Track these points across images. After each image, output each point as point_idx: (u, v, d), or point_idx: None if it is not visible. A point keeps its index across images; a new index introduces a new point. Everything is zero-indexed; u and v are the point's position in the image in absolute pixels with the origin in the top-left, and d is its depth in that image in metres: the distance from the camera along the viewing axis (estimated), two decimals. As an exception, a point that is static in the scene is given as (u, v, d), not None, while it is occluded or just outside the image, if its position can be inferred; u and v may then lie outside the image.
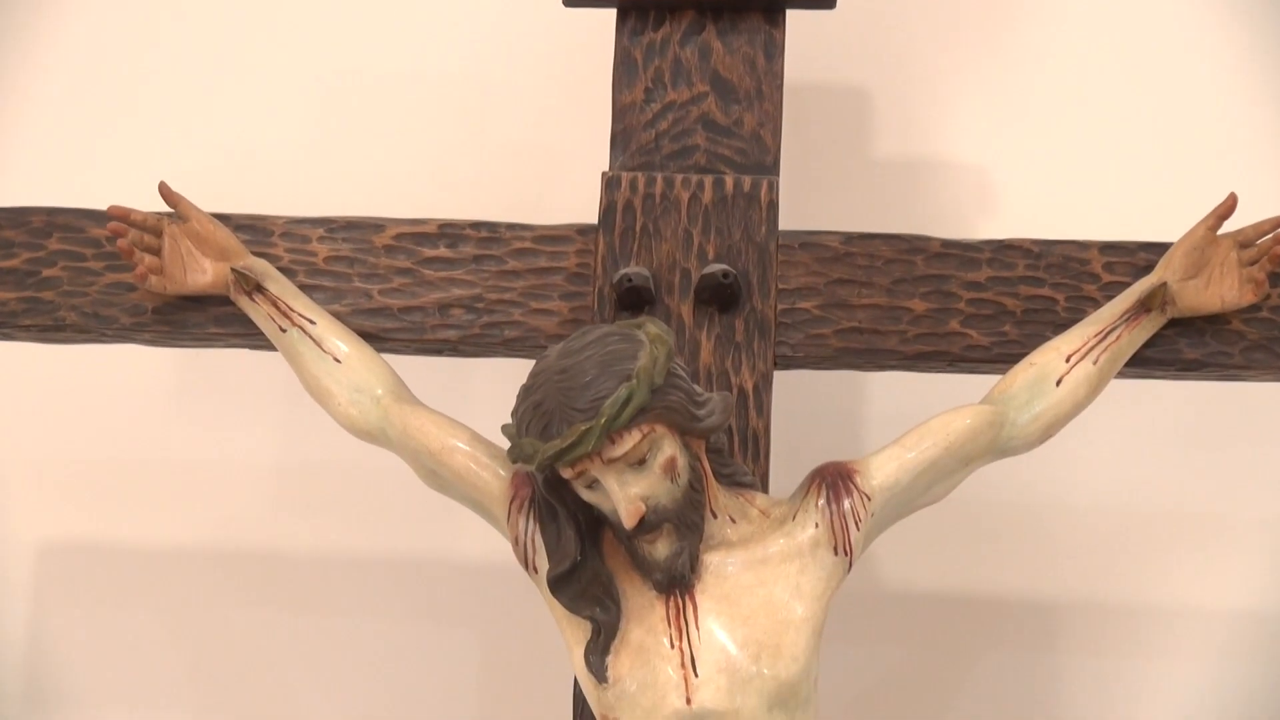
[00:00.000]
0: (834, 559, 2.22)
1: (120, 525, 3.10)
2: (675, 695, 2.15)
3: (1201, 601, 2.99)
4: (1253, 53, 3.06)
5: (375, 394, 2.40)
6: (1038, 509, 3.03)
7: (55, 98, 3.21)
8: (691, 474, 2.17)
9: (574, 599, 2.20)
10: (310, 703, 3.05)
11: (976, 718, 2.98)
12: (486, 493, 2.30)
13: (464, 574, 3.05)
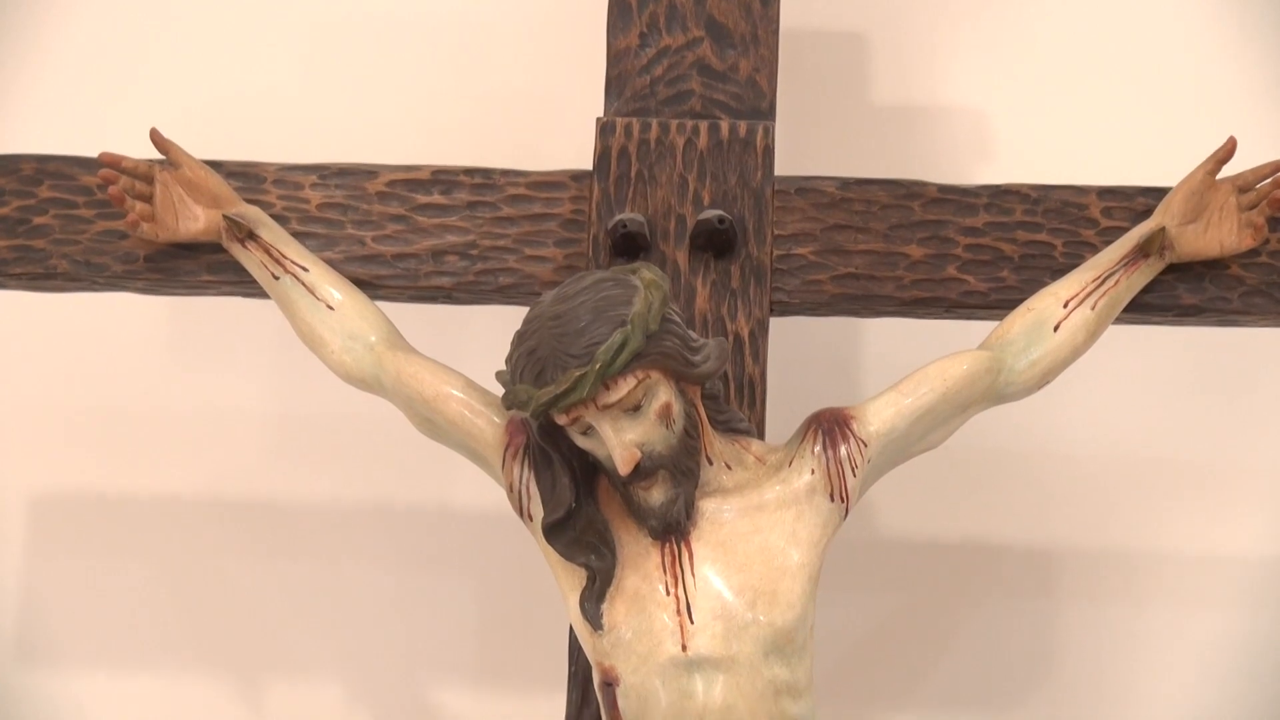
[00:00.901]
0: (830, 505, 2.22)
1: (113, 475, 3.09)
2: (671, 642, 2.14)
3: (1198, 548, 2.99)
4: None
5: (369, 341, 2.39)
6: (1034, 456, 3.02)
7: (45, 45, 3.19)
8: (687, 420, 2.16)
9: (569, 546, 2.20)
10: (306, 652, 3.05)
11: (973, 665, 2.98)
12: (481, 440, 2.29)
13: (459, 522, 3.05)
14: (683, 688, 2.14)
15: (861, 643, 2.99)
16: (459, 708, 3.01)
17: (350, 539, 3.07)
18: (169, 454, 3.10)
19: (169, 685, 3.05)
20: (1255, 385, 3.03)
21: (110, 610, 3.06)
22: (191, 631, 3.06)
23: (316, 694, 3.04)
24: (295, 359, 2.70)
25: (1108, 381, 3.00)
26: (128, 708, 3.04)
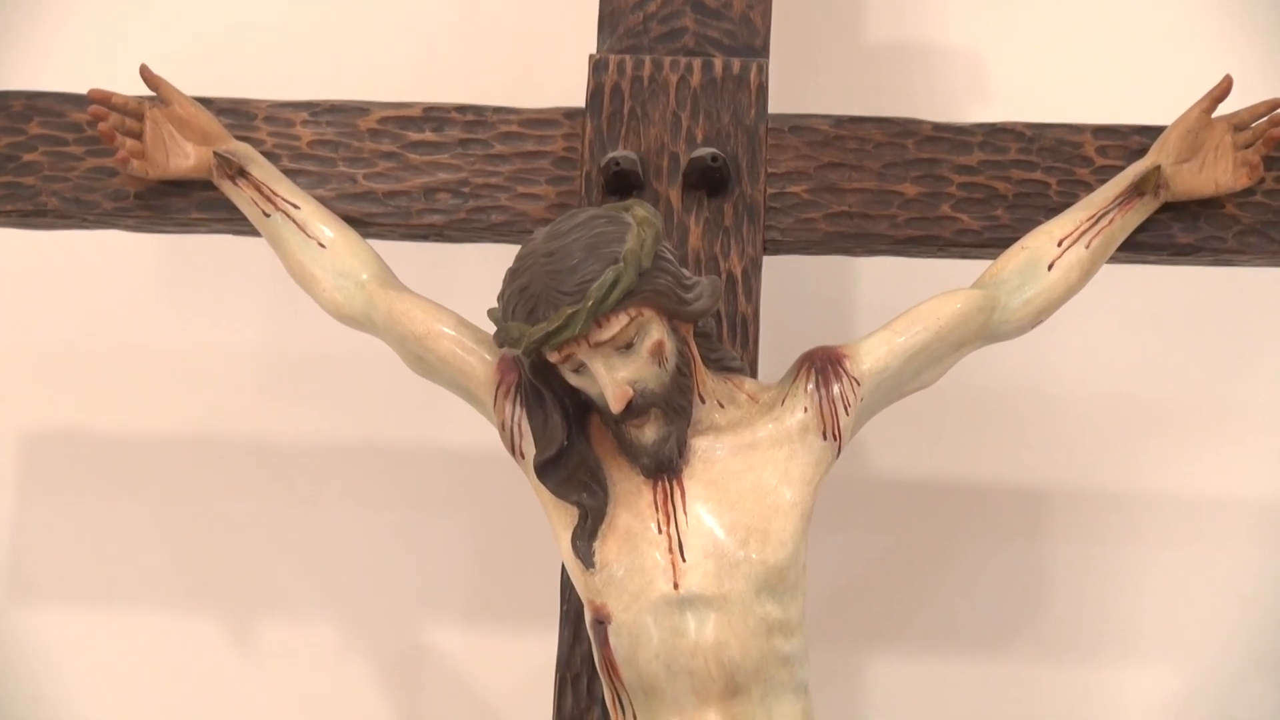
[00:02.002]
0: (823, 444, 2.22)
1: (103, 414, 3.09)
2: (663, 580, 2.14)
3: (1190, 488, 2.99)
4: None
5: (360, 279, 2.38)
6: (1026, 396, 3.02)
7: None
8: (679, 358, 2.16)
9: (561, 484, 2.20)
10: (297, 591, 3.05)
11: (963, 605, 2.98)
12: (473, 378, 2.28)
13: (451, 461, 3.04)
14: (674, 625, 2.14)
15: (852, 582, 3.00)
16: (451, 646, 3.02)
17: (342, 478, 3.06)
18: (160, 392, 3.09)
19: (160, 624, 3.05)
20: (1249, 325, 3.03)
21: (101, 549, 3.06)
22: (182, 570, 3.06)
23: (308, 633, 3.04)
24: (287, 297, 2.69)
25: (1101, 321, 2.99)
26: (118, 646, 3.04)
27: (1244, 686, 2.94)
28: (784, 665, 2.17)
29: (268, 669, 3.04)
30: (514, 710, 2.97)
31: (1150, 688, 2.95)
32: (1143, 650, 2.96)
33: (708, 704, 2.14)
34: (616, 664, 2.17)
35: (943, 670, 2.97)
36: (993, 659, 2.96)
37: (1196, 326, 3.03)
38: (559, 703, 2.40)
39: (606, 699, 2.23)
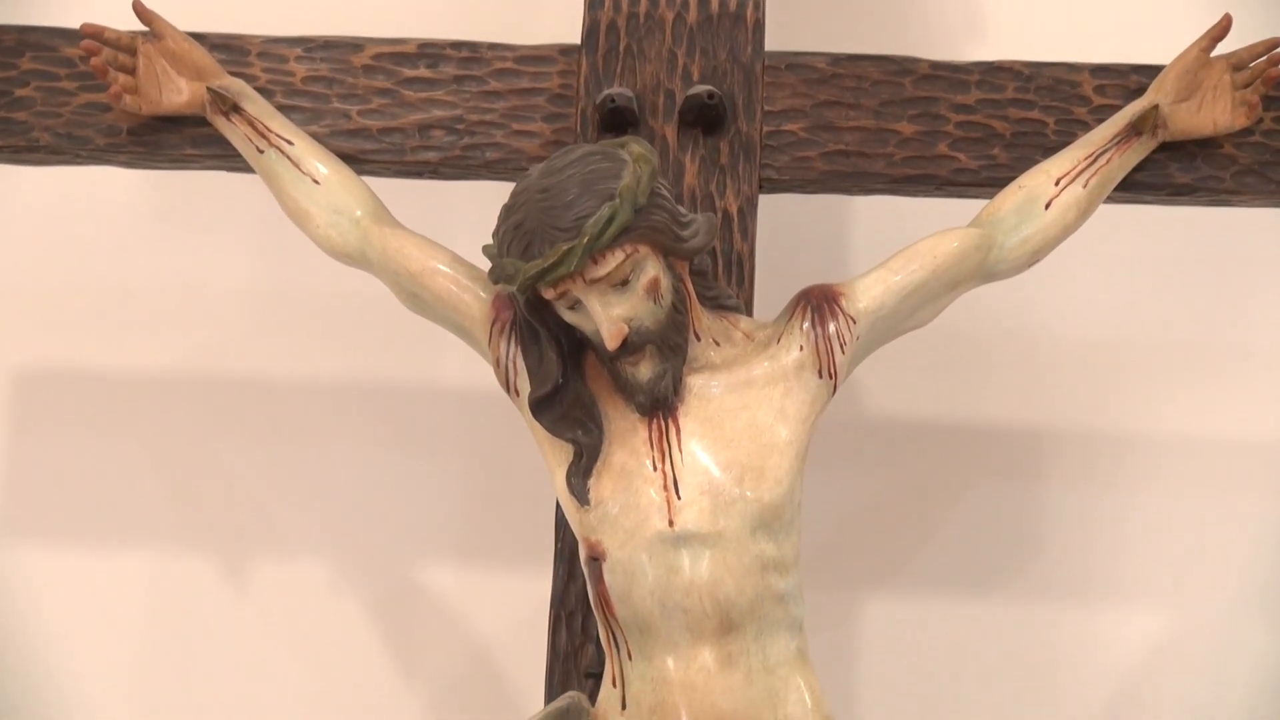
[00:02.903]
0: (818, 382, 2.21)
1: (96, 351, 3.08)
2: (658, 517, 2.14)
3: (1189, 430, 2.99)
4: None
5: (354, 215, 2.38)
6: (1024, 337, 3.02)
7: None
8: (675, 295, 2.15)
9: (555, 421, 2.20)
10: (291, 530, 3.05)
11: (960, 546, 2.98)
12: (467, 315, 2.28)
13: (445, 399, 3.04)
14: (669, 563, 2.14)
15: (847, 523, 3.00)
16: (445, 584, 3.02)
17: (336, 415, 3.06)
18: (153, 330, 3.08)
19: (152, 562, 3.05)
20: (1248, 266, 3.02)
21: (93, 487, 3.06)
22: (175, 509, 3.06)
23: (301, 572, 3.04)
24: (280, 234, 2.68)
25: (1099, 262, 2.99)
26: (110, 584, 3.04)
27: (1242, 630, 2.94)
28: (779, 603, 2.17)
29: (261, 607, 3.04)
30: (508, 648, 2.98)
31: (1147, 631, 2.96)
32: (1139, 593, 2.96)
33: (702, 641, 2.15)
34: (611, 601, 2.17)
35: (938, 611, 2.98)
36: (988, 600, 2.97)
37: (1195, 267, 3.03)
38: (553, 640, 2.41)
39: (601, 636, 2.23)
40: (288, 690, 3.02)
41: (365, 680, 3.00)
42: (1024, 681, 2.95)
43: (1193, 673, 2.94)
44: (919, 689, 2.95)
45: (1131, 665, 2.95)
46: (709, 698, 2.14)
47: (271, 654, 3.03)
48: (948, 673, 2.96)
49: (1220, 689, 2.93)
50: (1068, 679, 2.94)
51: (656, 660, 2.16)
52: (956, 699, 2.95)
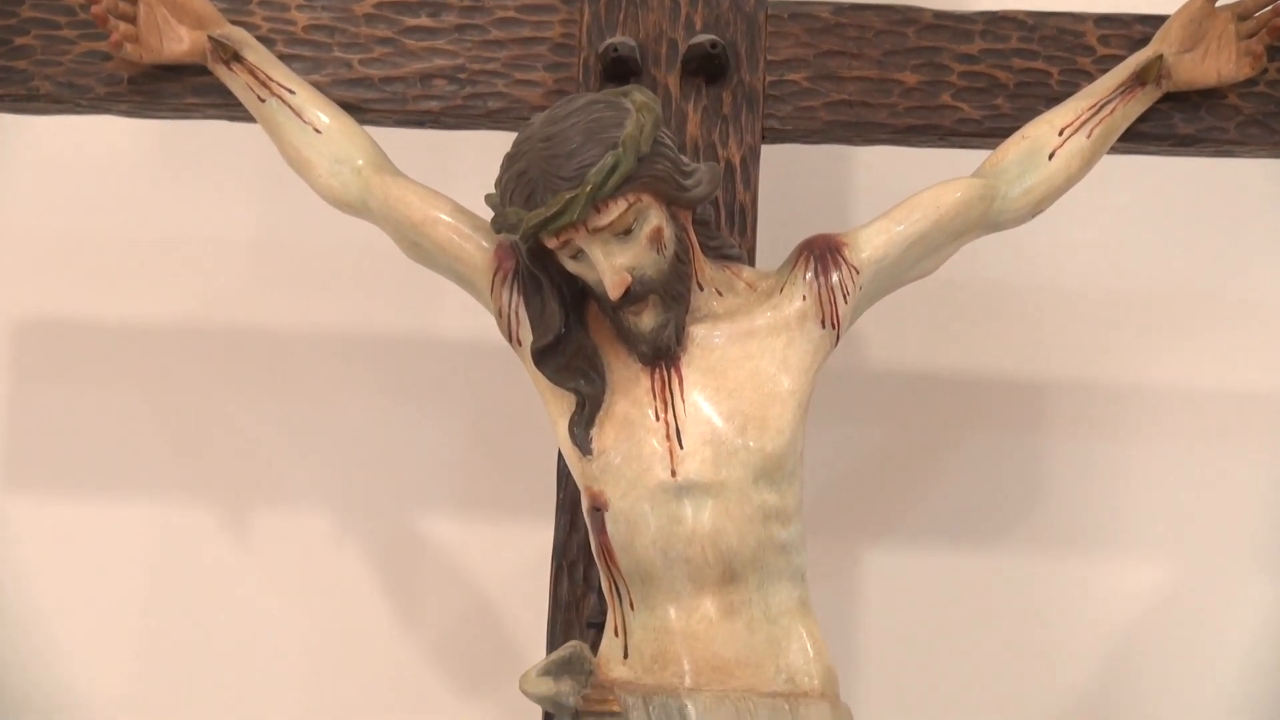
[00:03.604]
0: (821, 332, 2.21)
1: (96, 302, 3.07)
2: (660, 467, 2.15)
3: (1190, 382, 2.99)
4: None
5: (356, 165, 2.37)
6: (1026, 287, 3.01)
7: None
8: (678, 245, 2.15)
9: (558, 371, 2.20)
10: (293, 481, 3.05)
11: (962, 497, 2.99)
12: (469, 265, 2.27)
13: (447, 350, 3.04)
14: (671, 512, 2.14)
15: (849, 475, 3.00)
16: (447, 535, 3.02)
17: (337, 366, 3.06)
18: (154, 281, 3.08)
19: (154, 514, 3.05)
20: (1251, 218, 3.02)
21: (94, 439, 3.05)
22: (177, 460, 3.06)
23: (303, 522, 3.04)
24: (282, 184, 2.68)
25: (1102, 213, 2.98)
26: (113, 536, 3.04)
27: (1241, 581, 2.95)
28: (781, 553, 2.17)
29: (262, 558, 3.04)
30: (510, 599, 2.98)
31: (1146, 581, 2.96)
32: (1139, 543, 2.97)
33: (704, 591, 2.15)
34: (613, 551, 2.18)
35: (938, 562, 2.98)
36: (989, 551, 2.97)
37: (1197, 219, 3.02)
38: (555, 590, 2.41)
39: (603, 586, 2.23)
40: (289, 640, 3.02)
41: (367, 630, 3.01)
42: (1023, 631, 2.95)
43: (1192, 623, 2.95)
44: (919, 639, 2.96)
45: (1131, 615, 2.96)
46: (711, 647, 2.15)
47: (273, 604, 3.03)
48: (948, 623, 2.96)
49: (1219, 639, 2.94)
50: (1067, 629, 2.95)
51: (658, 610, 2.17)
52: (956, 649, 2.96)
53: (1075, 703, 2.95)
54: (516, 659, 2.88)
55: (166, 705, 3.01)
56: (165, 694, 3.02)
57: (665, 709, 2.13)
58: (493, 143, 2.35)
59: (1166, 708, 2.94)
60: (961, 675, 2.95)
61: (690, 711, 2.12)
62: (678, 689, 2.14)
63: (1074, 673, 2.95)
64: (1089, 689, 2.95)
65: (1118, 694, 2.94)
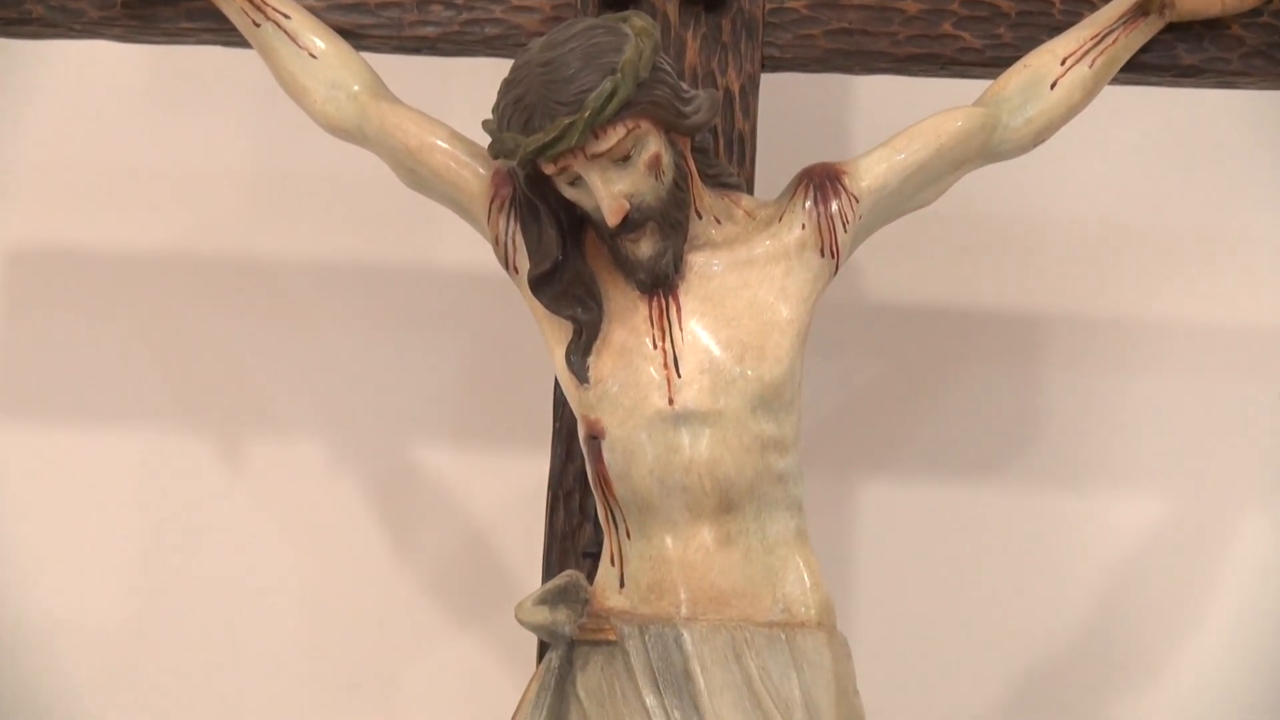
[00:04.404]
0: (820, 261, 2.20)
1: (91, 231, 3.06)
2: (658, 395, 2.14)
3: (1188, 316, 2.99)
4: None
5: (352, 90, 2.35)
6: (1024, 220, 3.00)
7: None
8: (676, 172, 2.14)
9: (555, 299, 2.19)
10: (287, 411, 3.04)
11: (959, 430, 2.98)
12: (466, 192, 2.26)
13: (443, 279, 3.03)
14: (669, 441, 2.13)
15: (846, 407, 3.00)
16: (442, 465, 3.02)
17: (333, 296, 3.05)
18: (147, 210, 3.06)
19: (147, 444, 3.05)
20: (1250, 150, 3.00)
21: (87, 368, 3.05)
22: (170, 390, 3.06)
23: (297, 453, 3.04)
24: (277, 112, 2.66)
25: (1102, 145, 2.97)
26: (105, 465, 3.04)
27: (1239, 513, 2.95)
28: (778, 482, 2.17)
29: (256, 488, 3.04)
30: (506, 529, 2.98)
31: (1144, 515, 2.97)
32: (1137, 477, 2.97)
33: (701, 520, 2.15)
34: (610, 480, 2.17)
35: (935, 495, 2.98)
36: (986, 484, 2.98)
37: (1197, 151, 3.01)
38: (550, 520, 2.41)
39: (599, 515, 2.23)
40: (283, 571, 3.03)
41: (362, 561, 3.01)
42: (1020, 564, 2.96)
43: (1189, 556, 2.95)
44: (916, 572, 2.97)
45: (1128, 549, 2.96)
46: (707, 576, 2.15)
47: (266, 534, 3.04)
48: (945, 556, 2.97)
49: (1216, 572, 2.94)
50: (1064, 562, 2.95)
51: (655, 539, 2.17)
52: (953, 581, 2.96)
53: (1072, 635, 2.95)
54: (512, 589, 2.87)
55: (158, 635, 3.02)
56: (157, 624, 3.02)
57: (661, 638, 2.13)
58: (490, 69, 2.32)
59: (1164, 641, 2.94)
60: (957, 608, 2.96)
61: (686, 641, 2.12)
62: (674, 618, 2.14)
63: (1070, 605, 2.96)
64: (1086, 622, 2.96)
65: (1114, 627, 2.95)
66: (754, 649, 2.13)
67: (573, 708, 2.19)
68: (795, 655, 2.14)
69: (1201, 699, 2.93)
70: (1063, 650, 2.95)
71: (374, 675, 3.00)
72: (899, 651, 2.92)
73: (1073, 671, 2.94)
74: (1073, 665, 2.94)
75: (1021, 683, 2.95)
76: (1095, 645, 2.95)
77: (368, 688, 3.00)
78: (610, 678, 2.16)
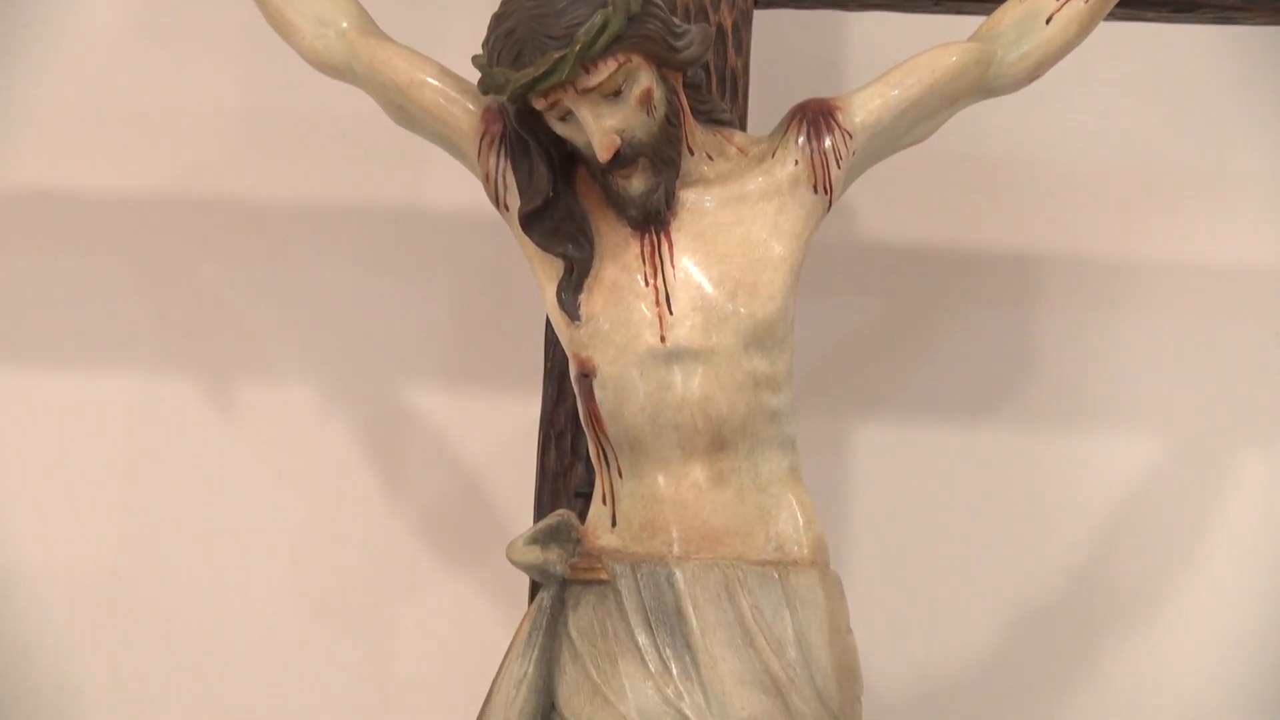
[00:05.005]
0: (814, 197, 2.19)
1: (79, 171, 3.03)
2: (650, 333, 2.13)
3: (1186, 256, 2.97)
4: None
5: (340, 27, 2.32)
6: (1020, 159, 2.98)
7: None
8: (668, 108, 2.12)
9: (546, 236, 2.17)
10: (277, 352, 3.03)
11: (953, 370, 2.97)
12: (456, 129, 2.24)
13: (434, 220, 3.01)
14: (661, 379, 2.12)
15: (840, 348, 2.99)
16: (434, 407, 3.01)
17: (323, 237, 3.03)
18: (136, 149, 3.04)
19: (138, 385, 3.03)
20: (1248, 89, 2.98)
21: (76, 309, 3.03)
22: (159, 332, 3.04)
23: (288, 394, 3.02)
24: (266, 49, 2.63)
25: (1097, 83, 2.95)
26: (94, 408, 3.02)
27: (1233, 454, 2.94)
28: (771, 420, 2.16)
29: (246, 431, 3.03)
30: (498, 470, 2.97)
31: (1140, 456, 2.96)
32: (1133, 418, 2.96)
33: (693, 458, 2.14)
34: (601, 418, 2.16)
35: (930, 435, 2.97)
36: (981, 425, 2.97)
37: (1195, 91, 2.99)
38: (542, 460, 2.40)
39: (591, 454, 2.22)
40: (274, 514, 3.02)
41: (352, 503, 3.00)
42: (1014, 506, 2.95)
43: (1184, 495, 2.95)
44: (910, 513, 2.96)
45: (1123, 488, 2.96)
46: (700, 515, 2.14)
47: (257, 477, 3.02)
48: (939, 496, 2.96)
49: (1212, 511, 2.94)
50: (1059, 503, 2.95)
51: (647, 478, 2.16)
52: (947, 521, 2.96)
53: (1066, 577, 2.95)
54: (504, 530, 2.87)
55: (146, 579, 3.01)
56: (145, 568, 3.01)
57: (653, 577, 2.13)
58: (479, 4, 2.30)
59: (1159, 582, 2.94)
60: (951, 547, 2.95)
61: (678, 579, 2.12)
62: (666, 557, 2.13)
63: (1065, 545, 2.95)
64: (1080, 561, 2.95)
65: (1109, 567, 2.95)
66: (747, 587, 2.12)
67: (564, 647, 2.18)
68: (788, 593, 2.13)
69: (1197, 639, 2.93)
70: (1057, 590, 2.95)
71: (365, 617, 2.99)
72: (892, 590, 2.91)
73: (1067, 611, 2.94)
74: (1067, 605, 2.94)
75: (1015, 622, 2.94)
76: (1089, 585, 2.95)
77: (359, 629, 2.99)
78: (602, 617, 2.16)
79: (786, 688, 2.11)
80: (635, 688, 2.12)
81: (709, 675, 2.10)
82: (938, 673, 2.94)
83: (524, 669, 2.19)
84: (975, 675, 2.94)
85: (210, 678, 2.99)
